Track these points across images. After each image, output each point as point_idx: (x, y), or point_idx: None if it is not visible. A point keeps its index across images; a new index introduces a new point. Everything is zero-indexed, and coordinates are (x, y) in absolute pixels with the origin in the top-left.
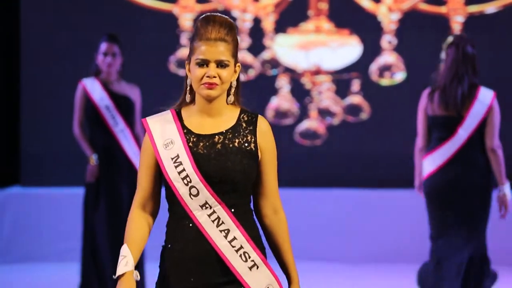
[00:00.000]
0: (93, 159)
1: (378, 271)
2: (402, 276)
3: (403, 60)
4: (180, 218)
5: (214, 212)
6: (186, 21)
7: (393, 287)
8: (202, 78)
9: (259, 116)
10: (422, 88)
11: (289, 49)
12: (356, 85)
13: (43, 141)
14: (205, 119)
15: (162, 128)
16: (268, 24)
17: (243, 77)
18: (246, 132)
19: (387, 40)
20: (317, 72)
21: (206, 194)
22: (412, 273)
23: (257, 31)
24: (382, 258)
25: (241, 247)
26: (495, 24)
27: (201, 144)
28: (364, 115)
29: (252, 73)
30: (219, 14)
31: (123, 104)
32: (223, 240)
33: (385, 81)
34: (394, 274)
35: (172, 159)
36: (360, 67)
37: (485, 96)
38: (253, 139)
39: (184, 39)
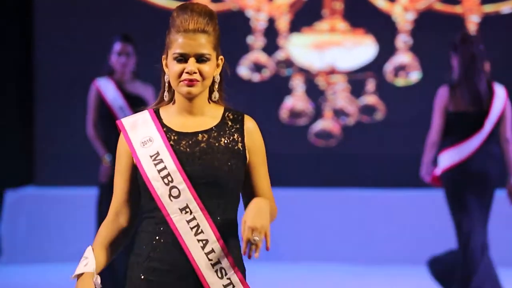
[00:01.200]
0: (107, 159)
1: (398, 272)
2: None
3: (418, 60)
4: (154, 223)
5: (194, 218)
6: None
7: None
8: (180, 74)
9: (245, 115)
10: (437, 88)
11: (304, 49)
12: (371, 85)
13: (58, 141)
14: (186, 118)
15: (138, 127)
16: (283, 24)
17: (227, 71)
18: (232, 130)
19: (402, 40)
20: (332, 72)
21: (188, 196)
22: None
23: (271, 31)
24: (399, 258)
25: (218, 261)
26: (511, 24)
27: (183, 142)
28: (379, 115)
29: (266, 73)
30: (197, 2)
31: (136, 104)
32: (199, 251)
33: (400, 81)
34: (416, 275)
35: (151, 156)
36: (375, 67)
37: (501, 91)
38: (239, 139)
39: None
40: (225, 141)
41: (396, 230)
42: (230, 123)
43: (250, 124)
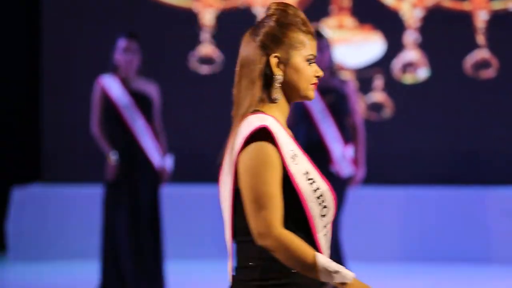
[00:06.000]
0: (112, 157)
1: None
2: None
3: (426, 57)
4: None
5: (327, 231)
6: (207, 18)
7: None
8: (312, 77)
9: None
10: (446, 85)
11: None
12: (379, 82)
13: (64, 138)
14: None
15: (281, 136)
16: None
17: None
18: None
19: (410, 37)
20: (340, 68)
21: (331, 215)
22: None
23: None
24: (402, 255)
25: None
26: None
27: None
28: (387, 113)
29: None
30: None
31: (141, 102)
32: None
33: (408, 78)
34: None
35: (304, 174)
36: (383, 64)
37: None
38: None
39: (204, 36)
40: None
41: (402, 227)
42: None
43: None
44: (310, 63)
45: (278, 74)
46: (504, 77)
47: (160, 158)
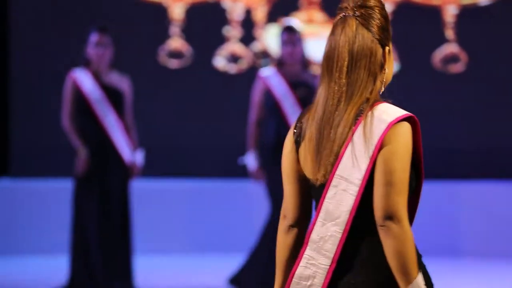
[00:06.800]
0: (83, 151)
1: None
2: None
3: (395, 51)
4: None
5: None
6: (176, 12)
7: None
8: None
9: None
10: (415, 80)
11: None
12: None
13: (33, 132)
14: None
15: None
16: (260, 14)
17: None
18: None
19: None
20: (310, 63)
21: None
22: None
23: (248, 22)
24: None
25: None
26: (488, 16)
27: None
28: None
29: (243, 65)
30: None
31: (113, 96)
32: None
33: None
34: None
35: None
36: None
37: None
38: None
39: (173, 30)
40: None
41: None
42: None
43: None
44: None
45: (389, 67)
46: (473, 71)
47: (131, 153)
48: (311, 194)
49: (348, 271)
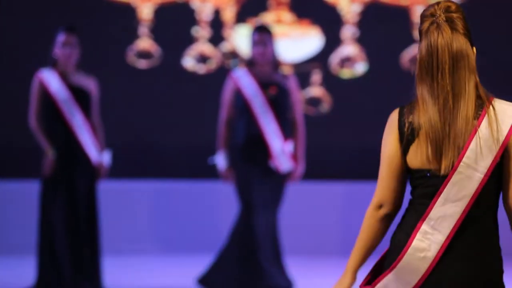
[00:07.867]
0: (50, 152)
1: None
2: None
3: (364, 52)
4: None
5: None
6: (145, 12)
7: None
8: None
9: None
10: (383, 80)
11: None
12: (316, 77)
13: (0, 132)
14: None
15: None
16: (228, 15)
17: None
18: None
19: (348, 32)
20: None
21: None
22: None
23: (217, 22)
24: (343, 249)
25: None
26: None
27: None
28: (325, 107)
29: (212, 65)
30: None
31: (80, 96)
32: None
33: (346, 73)
34: None
35: None
36: (321, 58)
37: None
38: None
39: (142, 30)
40: None
41: (327, 222)
42: None
43: None
44: None
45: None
46: None
47: (98, 154)
48: (419, 183)
49: (458, 257)
